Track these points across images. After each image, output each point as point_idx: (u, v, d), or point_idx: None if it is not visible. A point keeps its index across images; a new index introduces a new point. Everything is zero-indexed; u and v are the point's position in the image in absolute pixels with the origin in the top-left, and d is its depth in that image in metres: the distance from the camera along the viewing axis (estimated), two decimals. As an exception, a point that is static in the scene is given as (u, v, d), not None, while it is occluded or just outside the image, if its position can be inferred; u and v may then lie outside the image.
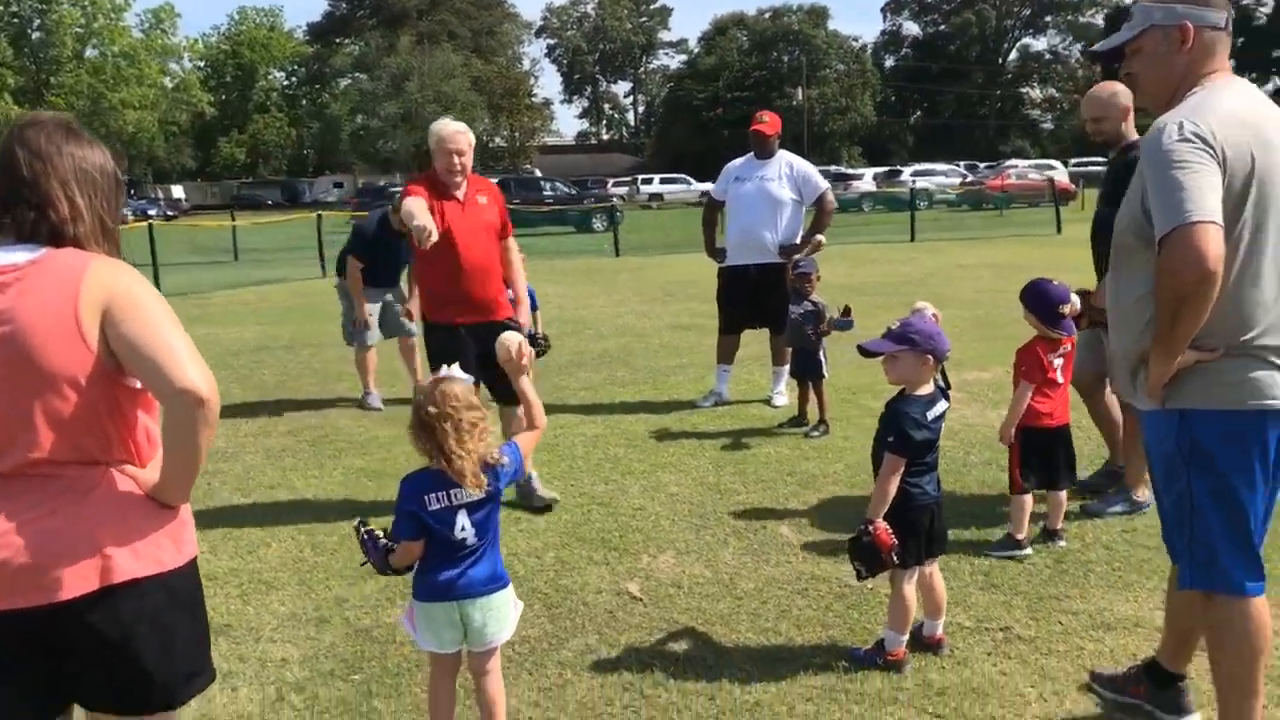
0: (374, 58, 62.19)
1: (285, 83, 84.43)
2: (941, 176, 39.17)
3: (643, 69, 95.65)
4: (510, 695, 3.20)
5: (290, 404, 7.89)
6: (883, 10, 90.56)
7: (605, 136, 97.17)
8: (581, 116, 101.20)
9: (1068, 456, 4.49)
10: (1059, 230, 23.09)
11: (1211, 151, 2.38)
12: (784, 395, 7.20)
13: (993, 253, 18.99)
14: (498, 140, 70.63)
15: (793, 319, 6.35)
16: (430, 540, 2.77)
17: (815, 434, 6.33)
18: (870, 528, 3.29)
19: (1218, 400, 2.53)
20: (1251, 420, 2.52)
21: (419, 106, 60.07)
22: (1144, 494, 4.76)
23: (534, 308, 7.92)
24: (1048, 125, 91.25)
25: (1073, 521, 4.73)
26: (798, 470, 5.68)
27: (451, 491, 2.73)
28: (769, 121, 7.08)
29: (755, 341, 7.67)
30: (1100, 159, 54.05)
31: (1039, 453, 4.41)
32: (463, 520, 2.76)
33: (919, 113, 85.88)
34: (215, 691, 3.35)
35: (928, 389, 3.43)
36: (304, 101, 79.98)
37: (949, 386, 3.56)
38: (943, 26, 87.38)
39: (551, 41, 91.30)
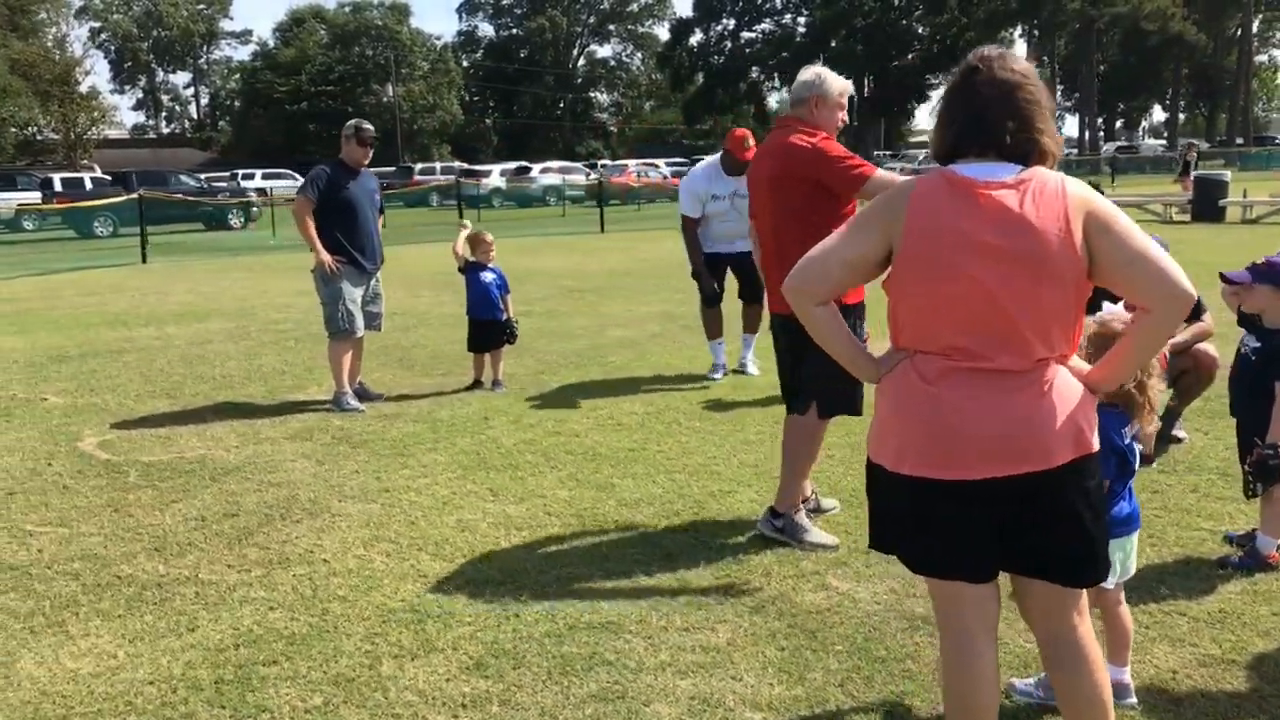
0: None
1: None
2: (566, 175, 41.48)
3: (205, 59, 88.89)
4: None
5: (230, 410, 6.75)
6: (458, 10, 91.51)
7: (166, 130, 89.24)
8: (137, 108, 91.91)
9: None
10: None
11: None
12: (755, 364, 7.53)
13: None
14: (48, 133, 62.37)
15: None
16: (1120, 475, 2.74)
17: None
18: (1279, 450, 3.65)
19: None
20: None
21: (-57, 88, 51.50)
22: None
23: (506, 291, 7.44)
24: (613, 128, 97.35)
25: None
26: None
27: (1132, 422, 2.73)
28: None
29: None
30: (680, 159, 58.49)
31: None
32: (1138, 448, 2.78)
33: (497, 114, 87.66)
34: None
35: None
36: None
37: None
38: (516, 30, 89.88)
39: (96, 24, 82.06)
